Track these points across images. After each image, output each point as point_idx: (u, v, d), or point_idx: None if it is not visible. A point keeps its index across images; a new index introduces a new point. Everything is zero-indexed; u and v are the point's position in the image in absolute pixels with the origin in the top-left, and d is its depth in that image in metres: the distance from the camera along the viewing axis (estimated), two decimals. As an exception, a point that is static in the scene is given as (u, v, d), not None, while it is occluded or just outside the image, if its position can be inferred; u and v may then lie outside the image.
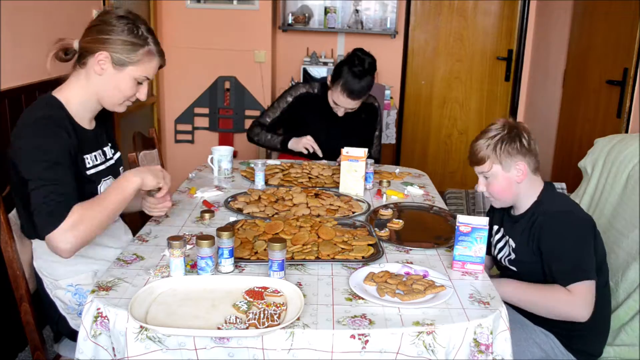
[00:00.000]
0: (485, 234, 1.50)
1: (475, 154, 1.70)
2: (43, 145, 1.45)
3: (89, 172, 1.60)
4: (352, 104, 2.52)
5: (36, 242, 1.63)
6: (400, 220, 1.89)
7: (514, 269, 1.71)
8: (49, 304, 1.66)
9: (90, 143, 1.63)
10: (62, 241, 1.39)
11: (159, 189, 1.62)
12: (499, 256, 1.78)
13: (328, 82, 2.56)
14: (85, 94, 1.58)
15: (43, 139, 1.46)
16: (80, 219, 1.40)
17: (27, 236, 1.65)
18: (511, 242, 1.71)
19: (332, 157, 2.57)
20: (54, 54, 1.59)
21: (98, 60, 1.53)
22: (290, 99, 2.67)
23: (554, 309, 1.58)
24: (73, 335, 1.64)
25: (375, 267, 1.53)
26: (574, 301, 1.54)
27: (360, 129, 2.68)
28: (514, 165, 1.66)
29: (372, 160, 2.31)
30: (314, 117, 2.63)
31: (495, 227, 1.81)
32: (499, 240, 1.79)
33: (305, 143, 2.54)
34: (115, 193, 1.49)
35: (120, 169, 1.77)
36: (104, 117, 1.74)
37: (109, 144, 1.75)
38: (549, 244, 1.61)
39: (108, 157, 1.71)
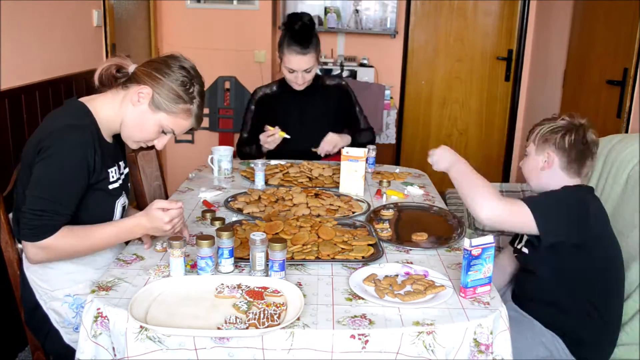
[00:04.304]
0: (493, 251, 1.44)
1: (531, 131, 1.79)
2: (66, 155, 1.44)
3: (111, 187, 1.60)
4: (304, 62, 2.46)
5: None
6: (391, 210, 1.93)
7: (526, 250, 1.71)
8: (42, 317, 1.59)
9: (111, 157, 1.62)
10: (34, 254, 1.45)
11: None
12: (516, 245, 1.79)
13: (278, 58, 2.54)
14: (114, 114, 1.57)
15: (69, 149, 1.45)
16: (62, 243, 1.44)
17: (18, 240, 1.61)
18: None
19: (311, 143, 2.53)
20: (106, 67, 1.58)
21: (139, 91, 1.52)
22: (252, 106, 2.66)
23: (481, 188, 1.59)
24: (63, 353, 1.60)
25: (375, 267, 1.53)
26: (495, 197, 1.56)
27: (334, 112, 2.64)
28: (543, 153, 1.72)
29: (374, 147, 2.46)
30: (282, 113, 2.60)
31: None
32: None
33: (265, 142, 2.47)
34: (114, 235, 1.52)
35: (129, 184, 1.76)
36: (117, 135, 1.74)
37: (121, 159, 1.73)
38: None
39: (121, 171, 1.69)
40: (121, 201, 1.65)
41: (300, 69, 2.48)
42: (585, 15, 3.47)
